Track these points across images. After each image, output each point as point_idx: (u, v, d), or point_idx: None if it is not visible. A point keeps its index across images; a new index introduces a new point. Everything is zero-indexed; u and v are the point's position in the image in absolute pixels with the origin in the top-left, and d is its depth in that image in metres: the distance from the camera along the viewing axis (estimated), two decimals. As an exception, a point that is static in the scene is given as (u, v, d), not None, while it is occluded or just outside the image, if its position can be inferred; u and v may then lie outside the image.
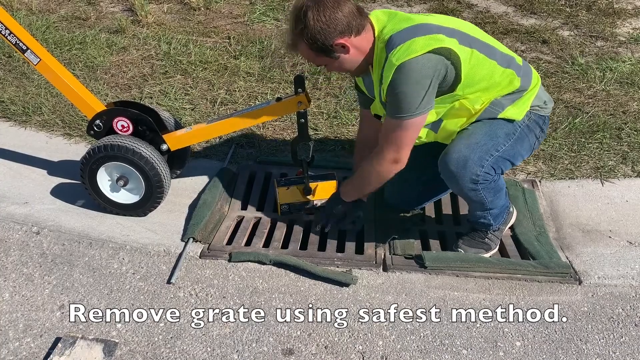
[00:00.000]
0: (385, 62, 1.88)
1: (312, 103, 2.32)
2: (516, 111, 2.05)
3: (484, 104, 2.00)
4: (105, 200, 2.42)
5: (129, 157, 2.27)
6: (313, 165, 2.44)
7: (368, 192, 2.26)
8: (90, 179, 2.36)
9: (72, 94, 2.37)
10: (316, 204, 2.48)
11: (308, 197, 2.45)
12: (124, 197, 2.42)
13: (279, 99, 2.28)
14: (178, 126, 2.54)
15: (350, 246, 2.34)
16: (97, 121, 2.37)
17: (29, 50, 2.30)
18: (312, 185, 2.44)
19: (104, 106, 2.39)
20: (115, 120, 2.36)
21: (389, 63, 1.86)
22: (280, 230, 2.43)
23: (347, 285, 2.14)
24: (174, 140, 2.39)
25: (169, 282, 2.16)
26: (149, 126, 2.36)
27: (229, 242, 2.36)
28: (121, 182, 2.36)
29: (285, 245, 2.35)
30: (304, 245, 2.36)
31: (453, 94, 1.95)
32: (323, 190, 2.46)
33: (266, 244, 2.35)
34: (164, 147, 2.37)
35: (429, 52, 1.82)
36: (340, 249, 2.33)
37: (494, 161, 2.03)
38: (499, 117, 2.03)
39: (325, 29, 1.85)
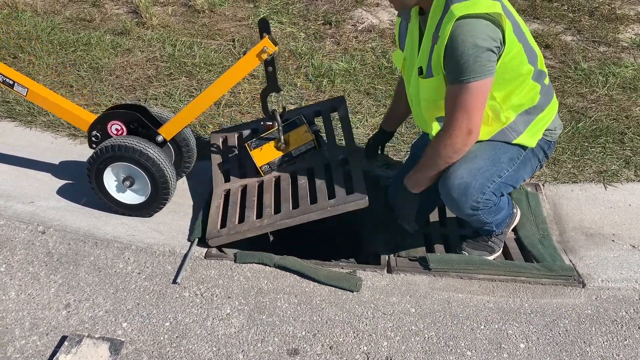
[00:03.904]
0: (445, 11, 1.74)
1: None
2: (530, 139, 2.01)
3: (503, 117, 1.94)
4: (112, 200, 2.44)
5: (136, 157, 2.29)
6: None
7: (437, 174, 2.00)
8: (97, 179, 2.38)
9: (65, 113, 2.46)
10: (294, 154, 2.44)
11: (283, 150, 2.41)
12: (130, 197, 2.44)
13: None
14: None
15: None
16: (94, 132, 2.44)
17: (16, 84, 2.42)
18: (284, 137, 2.39)
19: (95, 116, 2.45)
20: (109, 125, 2.41)
21: (449, 14, 1.71)
22: (269, 192, 2.39)
23: (350, 291, 2.15)
24: (165, 130, 2.41)
25: (174, 282, 2.16)
26: (140, 122, 2.39)
27: (223, 223, 2.32)
28: (127, 183, 2.38)
29: (277, 208, 2.30)
30: (295, 203, 2.31)
31: None
32: (296, 138, 2.41)
33: (259, 213, 2.30)
34: (159, 138, 2.40)
35: (491, 16, 1.69)
36: (331, 194, 2.27)
37: (495, 187, 2.01)
38: (513, 142, 1.99)
39: None
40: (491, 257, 2.30)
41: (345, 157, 2.42)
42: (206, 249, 2.31)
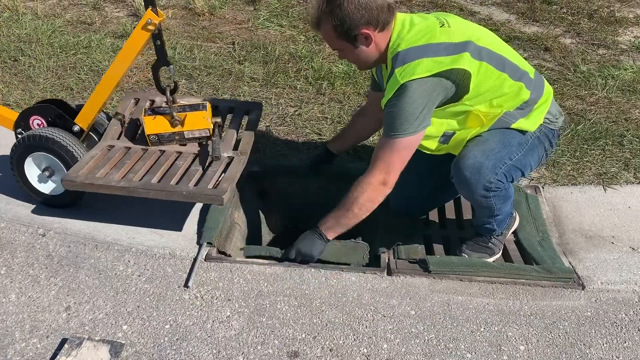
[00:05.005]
0: (391, 74, 1.90)
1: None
2: (529, 123, 2.06)
3: (495, 114, 2.01)
4: (35, 192, 2.48)
5: (49, 146, 2.33)
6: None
7: (352, 224, 2.08)
8: (19, 171, 2.45)
9: None
10: (186, 135, 2.41)
11: (176, 127, 2.36)
12: (52, 188, 2.48)
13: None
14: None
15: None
16: (19, 130, 2.50)
17: None
18: (181, 115, 2.34)
19: (17, 113, 2.51)
20: (31, 120, 2.48)
21: (394, 78, 1.88)
22: (145, 161, 2.35)
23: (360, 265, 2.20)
24: (80, 119, 2.42)
25: (185, 285, 2.16)
26: (56, 114, 2.43)
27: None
28: (47, 173, 2.42)
29: (142, 178, 2.26)
30: (161, 179, 2.26)
31: (460, 103, 1.95)
32: (192, 121, 2.36)
33: (124, 176, 2.26)
34: (76, 128, 2.42)
35: (430, 75, 1.84)
36: (197, 183, 2.22)
37: (506, 169, 2.04)
38: (512, 127, 2.04)
39: (355, 14, 1.83)
40: (491, 260, 2.31)
41: (232, 156, 2.39)
42: (206, 251, 2.31)
